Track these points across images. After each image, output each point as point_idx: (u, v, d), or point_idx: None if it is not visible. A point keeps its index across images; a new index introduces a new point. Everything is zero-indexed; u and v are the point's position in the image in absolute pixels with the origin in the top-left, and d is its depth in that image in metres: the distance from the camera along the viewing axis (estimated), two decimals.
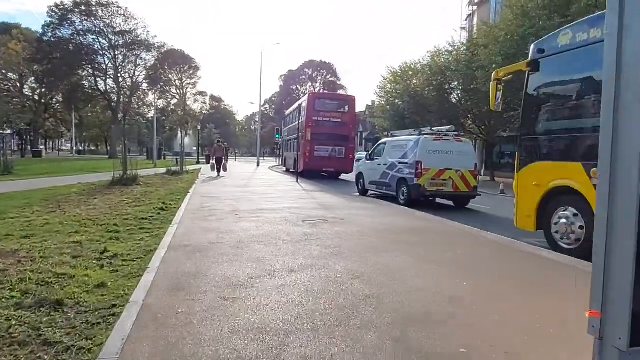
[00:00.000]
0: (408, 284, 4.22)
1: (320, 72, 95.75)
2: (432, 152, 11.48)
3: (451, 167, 11.44)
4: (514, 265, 5.27)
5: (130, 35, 42.55)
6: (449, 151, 11.58)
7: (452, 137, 12.11)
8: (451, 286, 4.19)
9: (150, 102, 46.41)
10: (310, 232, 6.75)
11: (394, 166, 12.56)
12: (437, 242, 6.47)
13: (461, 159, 11.59)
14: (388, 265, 4.88)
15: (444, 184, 11.45)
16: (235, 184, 16.63)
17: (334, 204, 10.91)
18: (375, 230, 7.18)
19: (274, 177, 21.93)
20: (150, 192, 12.64)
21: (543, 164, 6.34)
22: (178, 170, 22.92)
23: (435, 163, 11.39)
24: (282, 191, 14.11)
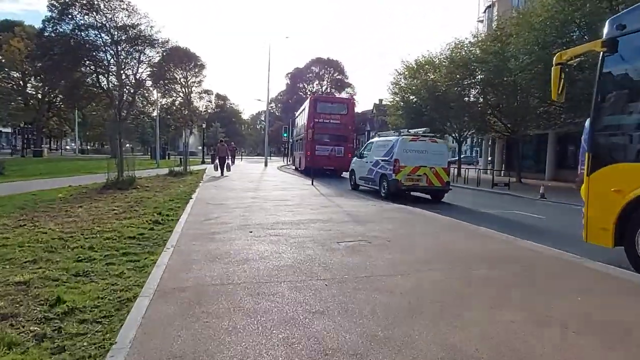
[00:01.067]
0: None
1: (328, 70, 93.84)
2: (408, 151, 12.88)
3: (425, 164, 12.79)
4: None
5: (133, 30, 40.88)
6: (424, 150, 12.96)
7: (427, 138, 13.52)
8: None
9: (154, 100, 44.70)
10: (355, 264, 4.91)
11: (378, 163, 13.94)
12: (533, 281, 4.61)
13: (435, 158, 12.92)
14: (506, 338, 3.04)
15: (419, 179, 12.82)
16: (244, 187, 14.83)
17: (364, 214, 9.06)
18: (441, 260, 5.33)
19: (285, 179, 20.13)
20: (146, 198, 10.87)
21: (626, 165, 5.22)
22: (181, 170, 21.24)
23: (411, 161, 12.76)
24: (299, 196, 12.28)
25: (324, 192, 13.86)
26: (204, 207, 9.56)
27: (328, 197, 12.26)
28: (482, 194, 17.78)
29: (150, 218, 7.88)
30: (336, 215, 8.60)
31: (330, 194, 13.20)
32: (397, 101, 34.57)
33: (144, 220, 7.64)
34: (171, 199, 11.05)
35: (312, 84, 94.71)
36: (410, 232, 7.15)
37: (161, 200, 10.55)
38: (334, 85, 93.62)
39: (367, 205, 10.71)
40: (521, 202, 14.77)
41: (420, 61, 31.98)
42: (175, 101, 66.78)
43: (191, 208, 9.38)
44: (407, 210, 9.76)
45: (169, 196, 11.61)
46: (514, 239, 6.79)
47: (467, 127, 29.09)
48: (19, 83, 54.54)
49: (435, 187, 13.05)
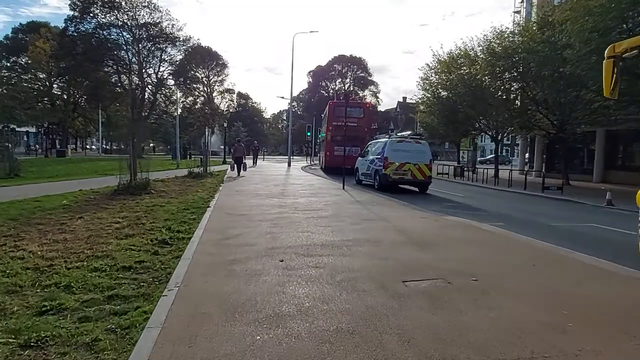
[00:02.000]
0: None
1: (351, 68, 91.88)
2: (396, 150, 15.05)
3: (410, 161, 14.93)
4: None
5: (154, 28, 40.06)
6: (409, 150, 15.16)
7: (412, 140, 16.10)
8: None
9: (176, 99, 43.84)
10: (446, 328, 3.23)
11: (373, 161, 16.26)
12: None
13: (418, 156, 15.13)
14: None
15: (404, 173, 15.01)
16: (268, 192, 13.30)
17: (420, 231, 7.35)
18: (584, 322, 3.60)
19: (312, 181, 18.53)
20: (157, 207, 9.45)
21: None
22: (201, 172, 19.95)
23: (398, 158, 14.91)
24: (333, 204, 10.65)
25: (359, 198, 12.17)
26: (223, 220, 8.03)
27: (366, 206, 10.58)
28: (533, 200, 15.74)
29: (156, 236, 6.39)
30: (386, 234, 6.91)
31: (366, 201, 11.52)
32: (427, 97, 32.53)
33: (148, 240, 6.16)
34: (186, 207, 9.59)
35: (335, 82, 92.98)
36: (496, 262, 5.40)
37: (174, 210, 9.10)
38: (357, 83, 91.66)
39: (418, 217, 8.99)
40: (587, 211, 12.75)
41: (454, 54, 29.89)
42: (197, 100, 66.22)
43: (207, 221, 7.87)
44: (472, 226, 7.96)
45: (184, 204, 10.16)
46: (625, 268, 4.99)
47: (508, 124, 26.84)
48: (45, 84, 54.82)
49: (418, 180, 15.35)
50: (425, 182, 15.54)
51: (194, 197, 11.37)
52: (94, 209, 9.28)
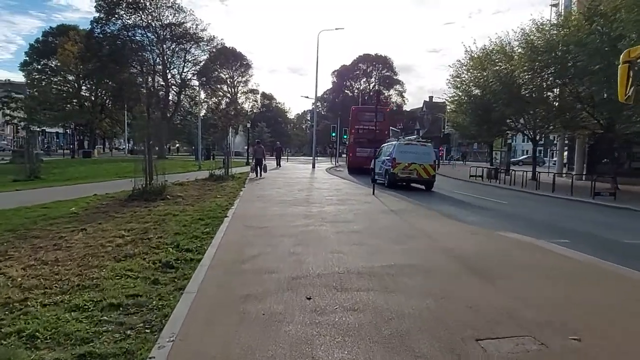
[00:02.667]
0: None
1: (376, 67, 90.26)
2: (403, 152, 16.48)
3: (416, 162, 16.34)
4: None
5: (178, 29, 39.78)
6: (415, 152, 16.58)
7: (418, 142, 18.05)
8: None
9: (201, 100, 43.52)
10: None
11: (384, 162, 17.74)
12: None
13: (424, 157, 16.63)
14: None
15: (411, 172, 16.45)
16: (292, 199, 12.25)
17: (477, 253, 6.11)
18: None
19: (338, 185, 17.40)
20: (170, 217, 8.52)
21: None
22: (222, 174, 19.12)
23: (405, 159, 16.30)
24: (365, 215, 9.50)
25: (393, 206, 10.96)
26: (241, 235, 7.00)
27: (403, 217, 9.38)
28: (585, 207, 14.13)
29: (161, 257, 5.41)
30: (435, 257, 5.72)
31: (402, 210, 10.30)
32: (459, 96, 30.86)
33: (150, 262, 5.18)
34: (201, 216, 8.63)
35: (359, 81, 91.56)
36: (596, 306, 4.12)
37: (187, 220, 8.14)
38: (383, 83, 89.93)
39: (466, 233, 7.74)
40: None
41: (488, 49, 28.18)
42: (222, 101, 66.08)
43: (223, 235, 6.85)
44: (539, 248, 6.59)
45: (200, 212, 9.21)
46: None
47: (548, 123, 25.00)
48: (73, 86, 55.66)
49: (423, 178, 16.82)
50: (430, 180, 17.11)
51: (212, 205, 10.42)
52: (101, 218, 8.45)
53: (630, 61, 5.60)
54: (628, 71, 5.57)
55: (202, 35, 41.36)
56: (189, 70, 43.46)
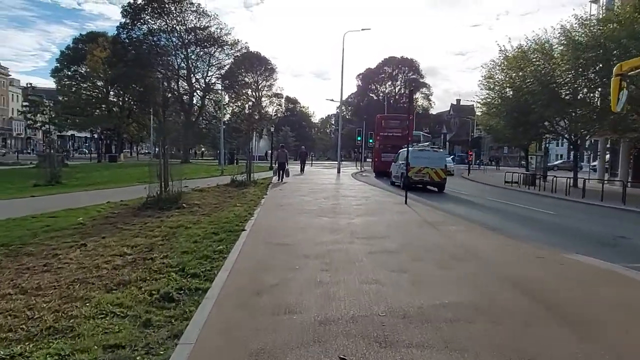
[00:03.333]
0: None
1: (401, 70, 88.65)
2: (417, 157, 17.97)
3: (428, 166, 18.09)
4: None
5: (203, 32, 39.58)
6: (428, 157, 18.52)
7: (430, 148, 20.51)
8: None
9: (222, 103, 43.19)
10: None
11: (400, 166, 18.94)
12: None
13: (436, 162, 18.47)
14: None
15: (423, 175, 18.20)
16: (317, 208, 11.24)
17: (552, 286, 4.90)
18: None
19: (367, 193, 16.30)
20: (181, 230, 7.65)
21: None
22: (244, 180, 18.33)
23: (418, 163, 17.93)
24: (399, 228, 8.38)
25: (429, 217, 9.79)
26: (258, 254, 6.02)
27: (442, 231, 8.22)
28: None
29: (160, 285, 4.48)
30: (499, 291, 4.54)
31: (439, 222, 9.13)
32: (493, 97, 29.25)
33: (146, 292, 4.26)
34: (216, 229, 7.71)
35: (385, 84, 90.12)
36: None
37: (200, 234, 7.23)
38: (409, 86, 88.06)
39: (527, 254, 6.53)
40: None
41: (524, 48, 26.54)
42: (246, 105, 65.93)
43: (238, 255, 5.89)
44: (631, 280, 5.35)
45: (216, 224, 8.30)
46: None
47: (592, 126, 23.17)
48: (102, 91, 56.53)
49: (435, 181, 18.25)
50: (441, 182, 18.50)
51: (229, 215, 9.50)
52: (107, 230, 7.65)
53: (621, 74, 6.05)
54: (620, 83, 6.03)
55: (226, 39, 41.06)
56: (213, 74, 43.23)
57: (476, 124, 63.69)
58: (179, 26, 38.87)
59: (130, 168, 32.28)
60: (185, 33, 39.20)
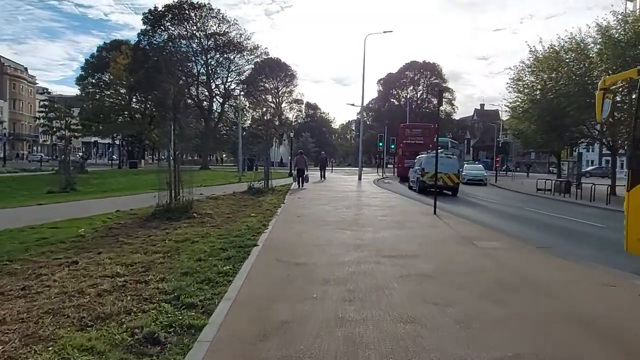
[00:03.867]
0: None
1: (424, 74, 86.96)
2: (431, 163, 16.66)
3: (442, 171, 16.98)
4: None
5: (222, 38, 39.36)
6: (441, 163, 16.45)
7: (444, 155, 20.26)
8: None
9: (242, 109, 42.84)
10: None
11: (416, 171, 21.40)
12: None
13: (449, 167, 19.53)
14: None
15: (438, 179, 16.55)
16: (339, 219, 10.33)
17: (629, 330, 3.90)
18: None
19: (391, 201, 15.29)
20: (187, 245, 6.87)
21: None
22: (262, 187, 17.60)
23: (432, 168, 16.24)
24: (431, 244, 7.39)
25: (463, 231, 8.75)
26: (269, 278, 5.15)
27: (484, 250, 7.17)
28: None
29: (147, 320, 3.65)
30: (576, 337, 3.54)
31: (477, 238, 8.07)
32: (522, 100, 27.82)
33: (127, 330, 3.43)
34: (225, 245, 6.88)
35: (406, 89, 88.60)
36: None
37: (207, 251, 6.41)
38: (431, 91, 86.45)
39: (592, 281, 5.47)
40: None
41: (556, 49, 25.13)
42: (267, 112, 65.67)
43: (245, 278, 5.03)
44: None
45: (225, 238, 7.49)
46: None
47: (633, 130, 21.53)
48: (125, 98, 57.14)
49: (448, 185, 19.27)
50: (454, 186, 19.80)
51: (242, 227, 8.69)
52: (106, 244, 6.93)
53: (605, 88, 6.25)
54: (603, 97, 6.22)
55: (246, 45, 40.73)
56: (233, 80, 42.94)
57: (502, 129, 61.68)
58: (198, 32, 38.75)
59: (149, 174, 31.98)
60: (205, 39, 39.03)
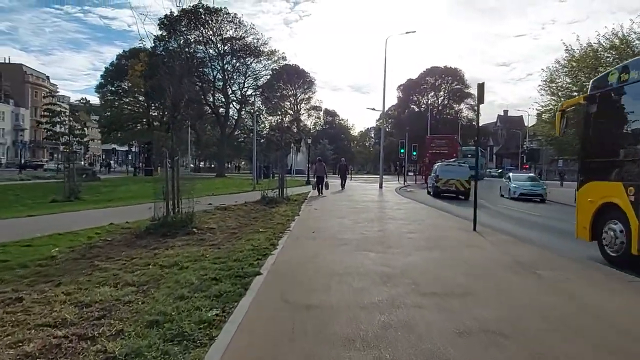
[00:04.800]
0: None
1: (445, 79, 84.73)
2: (445, 170, 22.27)
3: (454, 177, 21.72)
4: None
5: (239, 42, 38.44)
6: (454, 170, 22.16)
7: (456, 164, 23.46)
8: None
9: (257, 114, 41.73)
10: None
11: (433, 178, 23.64)
12: None
13: (460, 174, 21.91)
14: None
15: (450, 185, 21.79)
16: (360, 236, 8.80)
17: None
18: None
19: (419, 213, 13.66)
20: (174, 272, 5.47)
21: (597, 183, 7.16)
22: (276, 197, 16.25)
23: (446, 175, 22.00)
24: (482, 274, 5.79)
25: (517, 254, 7.09)
26: (269, 330, 3.66)
27: (551, 281, 5.55)
28: None
29: None
30: None
31: (537, 264, 6.42)
32: (557, 103, 25.77)
33: None
34: (220, 272, 5.44)
35: (427, 95, 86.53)
36: None
37: (194, 282, 4.97)
38: (453, 97, 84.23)
39: None
40: None
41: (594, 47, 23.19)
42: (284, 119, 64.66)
43: (235, 332, 3.57)
44: None
45: (224, 262, 6.06)
46: None
47: None
48: (143, 105, 56.98)
49: (460, 189, 21.53)
50: (465, 191, 21.21)
51: (246, 247, 7.25)
52: (76, 271, 5.62)
53: (563, 110, 8.32)
54: (562, 117, 8.19)
55: (263, 49, 39.71)
56: (250, 85, 41.93)
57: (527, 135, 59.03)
58: (214, 37, 37.93)
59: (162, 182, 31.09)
60: (221, 43, 38.18)
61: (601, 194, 6.91)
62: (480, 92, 9.07)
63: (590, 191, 7.23)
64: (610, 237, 6.74)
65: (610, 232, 6.75)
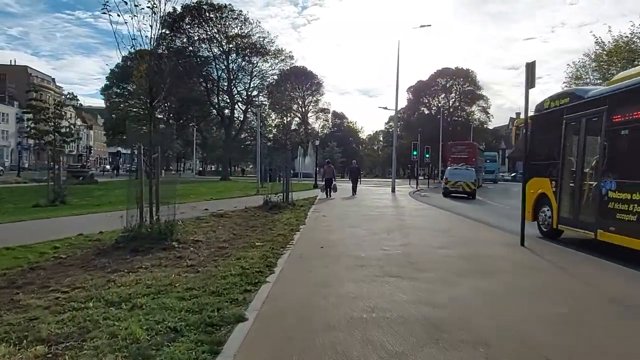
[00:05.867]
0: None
1: (456, 81, 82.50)
2: (453, 173, 24.72)
3: (461, 180, 23.71)
4: None
5: (244, 40, 36.91)
6: (461, 173, 24.44)
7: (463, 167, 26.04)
8: None
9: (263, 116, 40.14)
10: None
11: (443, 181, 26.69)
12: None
13: (467, 176, 24.02)
14: None
15: (458, 187, 23.68)
16: (381, 254, 6.97)
17: None
18: None
19: (442, 222, 11.79)
20: (123, 312, 3.69)
21: (535, 179, 9.37)
22: (280, 201, 14.56)
23: (454, 178, 24.14)
24: (572, 319, 3.97)
25: (591, 279, 5.24)
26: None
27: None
28: None
29: None
30: None
31: (627, 296, 4.58)
32: None
33: None
34: (183, 319, 3.68)
35: (438, 97, 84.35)
36: None
37: (140, 338, 3.22)
38: (464, 98, 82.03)
39: None
40: None
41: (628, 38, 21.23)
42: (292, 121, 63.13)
43: None
44: None
45: (198, 295, 4.31)
46: None
47: None
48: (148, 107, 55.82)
49: (467, 190, 23.53)
50: (471, 192, 23.39)
51: (234, 268, 5.46)
52: (13, 299, 3.88)
53: (517, 126, 10.80)
54: (516, 132, 10.56)
55: (269, 48, 38.12)
56: (256, 86, 40.37)
57: None
58: (219, 35, 36.40)
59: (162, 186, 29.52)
60: (226, 41, 36.65)
61: (538, 186, 9.28)
62: (531, 73, 7.25)
63: (532, 185, 9.31)
64: (543, 217, 9.26)
65: (542, 214, 9.28)
